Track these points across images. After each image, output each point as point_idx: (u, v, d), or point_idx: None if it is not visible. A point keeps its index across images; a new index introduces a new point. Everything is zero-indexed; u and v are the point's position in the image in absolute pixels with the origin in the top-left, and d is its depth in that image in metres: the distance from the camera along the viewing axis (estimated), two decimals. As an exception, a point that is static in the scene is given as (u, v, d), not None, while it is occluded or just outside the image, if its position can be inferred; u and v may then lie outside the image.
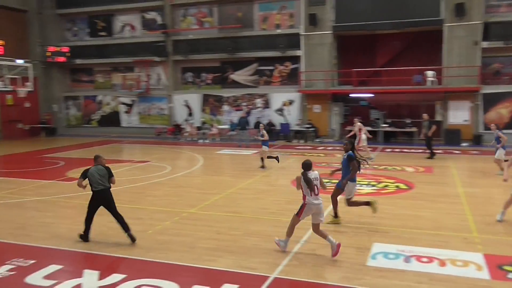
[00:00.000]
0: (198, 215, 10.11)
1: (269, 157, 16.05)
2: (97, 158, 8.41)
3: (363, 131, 17.82)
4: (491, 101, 22.34)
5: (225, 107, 27.67)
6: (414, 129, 23.14)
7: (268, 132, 25.59)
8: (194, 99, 28.24)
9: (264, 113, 26.68)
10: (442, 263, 7.10)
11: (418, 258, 7.30)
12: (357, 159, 9.20)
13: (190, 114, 28.35)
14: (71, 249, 8.03)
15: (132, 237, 8.17)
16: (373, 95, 25.22)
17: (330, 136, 24.92)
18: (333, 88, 24.92)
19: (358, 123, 18.09)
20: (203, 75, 28.69)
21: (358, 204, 9.29)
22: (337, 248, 7.27)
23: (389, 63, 25.97)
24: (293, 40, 25.53)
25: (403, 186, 12.99)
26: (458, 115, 22.89)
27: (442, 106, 23.43)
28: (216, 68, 28.21)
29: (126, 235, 8.18)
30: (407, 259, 7.26)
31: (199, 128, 26.95)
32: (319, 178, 7.52)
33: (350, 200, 9.20)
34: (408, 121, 23.94)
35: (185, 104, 28.46)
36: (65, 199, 11.53)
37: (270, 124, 26.09)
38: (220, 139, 25.50)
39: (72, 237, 8.45)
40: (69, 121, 32.01)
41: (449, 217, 9.74)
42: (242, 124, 25.92)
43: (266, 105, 26.69)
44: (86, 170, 8.28)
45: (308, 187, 7.33)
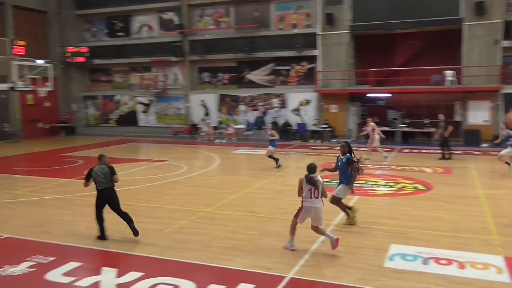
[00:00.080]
0: (214, 214, 10.15)
1: (270, 156, 16.10)
2: (101, 158, 8.59)
3: (376, 131, 17.70)
4: (512, 101, 21.96)
5: (242, 107, 27.71)
6: (432, 129, 22.82)
7: (284, 132, 25.88)
8: (211, 99, 28.35)
9: (281, 113, 26.64)
10: (462, 265, 6.99)
11: (437, 260, 7.21)
12: (356, 161, 9.06)
13: (206, 114, 28.46)
14: (89, 246, 8.14)
15: (135, 231, 8.30)
16: (390, 95, 24.98)
17: (347, 136, 24.73)
18: (350, 88, 24.76)
19: (371, 123, 17.97)
20: (220, 75, 28.77)
21: (342, 206, 9.13)
22: (336, 242, 7.42)
23: (407, 63, 25.69)
24: (309, 40, 25.44)
25: (421, 187, 12.84)
26: (478, 115, 22.52)
27: (461, 106, 23.08)
28: (232, 68, 28.26)
29: (131, 229, 8.34)
30: (425, 261, 7.17)
31: (215, 128, 27.04)
32: (322, 184, 7.55)
33: (336, 199, 9.06)
34: (426, 121, 23.64)
35: (202, 104, 28.58)
36: (84, 197, 11.67)
37: (287, 124, 26.05)
38: (236, 139, 25.54)
39: (91, 235, 8.56)
40: (88, 121, 32.42)
41: (469, 219, 9.60)
42: (258, 124, 25.90)
43: (283, 105, 26.65)
44: (90, 170, 8.48)
45: (313, 187, 7.42)
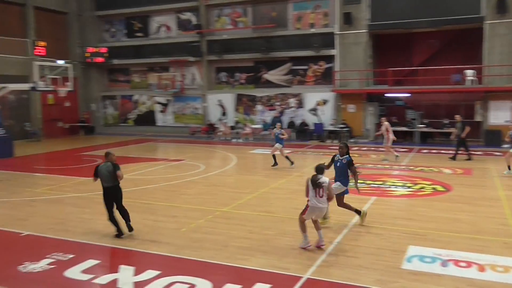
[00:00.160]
0: (231, 214, 10.17)
1: (274, 156, 16.16)
2: (107, 155, 8.69)
3: (391, 131, 17.72)
4: (535, 101, 21.49)
5: (259, 107, 27.71)
6: (452, 129, 22.46)
7: (301, 132, 25.82)
8: (228, 98, 28.43)
9: (298, 112, 26.56)
10: (481, 268, 6.87)
11: (456, 262, 7.10)
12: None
13: (223, 114, 28.55)
14: (107, 244, 8.24)
15: (130, 227, 8.61)
16: (409, 94, 24.69)
17: (364, 137, 24.56)
18: (368, 87, 24.55)
19: (385, 122, 17.96)
20: (237, 74, 28.82)
21: (347, 206, 9.10)
22: (320, 245, 7.67)
23: (426, 62, 25.35)
24: (327, 39, 25.31)
25: (440, 188, 12.65)
26: (499, 115, 22.09)
27: (482, 106, 22.69)
28: (249, 67, 28.28)
29: (126, 225, 8.63)
30: (444, 263, 7.07)
31: (232, 128, 27.11)
32: (328, 185, 7.66)
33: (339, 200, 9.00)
34: (446, 121, 23.31)
35: (219, 104, 28.68)
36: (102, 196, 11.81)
37: (304, 124, 25.96)
38: (253, 139, 25.56)
39: (109, 233, 8.66)
40: (107, 120, 32.81)
41: (489, 221, 9.42)
42: (275, 124, 25.86)
43: (300, 104, 26.57)
44: (97, 167, 8.63)
45: (314, 189, 7.56)
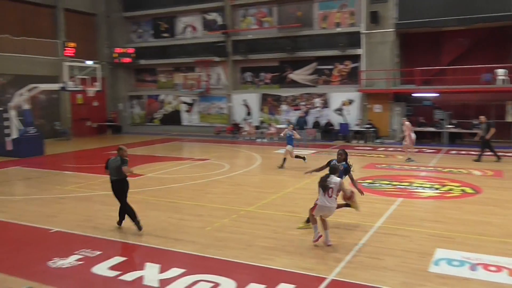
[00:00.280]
0: (255, 214, 10.18)
1: (284, 159, 16.28)
2: (119, 150, 8.97)
3: (412, 131, 17.75)
4: None
5: (284, 107, 27.66)
6: (477, 130, 21.95)
7: (326, 132, 25.65)
8: (253, 98, 28.47)
9: (323, 112, 26.38)
10: (512, 272, 6.70)
11: (485, 266, 6.92)
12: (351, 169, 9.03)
13: (248, 114, 28.61)
14: (134, 242, 8.36)
15: (120, 223, 9.10)
16: (438, 94, 24.21)
17: (391, 137, 24.22)
18: (395, 87, 24.18)
19: (406, 122, 17.96)
20: (262, 74, 28.83)
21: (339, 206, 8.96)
22: (327, 243, 7.80)
23: (455, 61, 24.80)
24: (353, 39, 25.07)
25: (470, 190, 12.36)
26: (532, 116, 21.47)
27: (513, 107, 22.09)
28: (275, 67, 28.25)
29: (117, 221, 9.11)
30: (473, 267, 6.90)
31: (257, 127, 27.14)
32: (340, 186, 7.80)
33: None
34: (475, 122, 22.74)
35: (244, 104, 28.75)
36: (129, 194, 11.93)
37: (329, 124, 25.78)
38: (278, 139, 25.50)
39: (135, 231, 8.78)
40: (133, 120, 33.32)
41: (520, 224, 9.16)
42: (300, 124, 25.78)
43: (325, 104, 26.39)
44: (107, 160, 8.99)
45: (322, 190, 7.78)
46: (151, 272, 6.90)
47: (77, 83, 21.68)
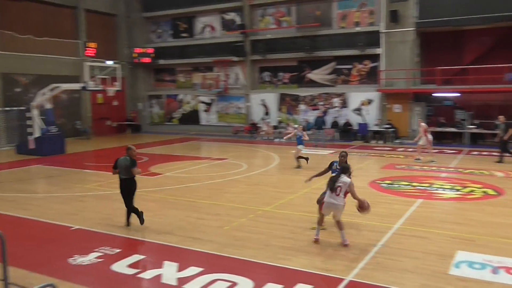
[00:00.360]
0: (273, 213, 10.17)
1: (300, 157, 16.31)
2: (128, 150, 9.09)
3: (429, 132, 17.90)
4: None
5: (302, 107, 27.57)
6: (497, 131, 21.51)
7: (345, 132, 25.48)
8: (271, 98, 28.44)
9: (342, 112, 26.20)
10: (536, 276, 6.54)
11: (508, 269, 6.78)
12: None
13: (266, 113, 28.58)
14: (152, 240, 8.43)
15: (127, 222, 9.19)
16: (459, 94, 23.82)
17: (410, 137, 23.90)
18: (415, 87, 23.88)
19: (422, 124, 18.05)
20: (280, 74, 28.77)
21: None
22: (344, 243, 7.85)
23: (477, 61, 24.36)
24: (372, 38, 24.83)
25: (492, 192, 12.13)
26: (557, 116, 20.92)
27: (537, 107, 21.59)
28: (293, 67, 28.17)
29: (125, 217, 9.23)
30: (494, 270, 6.77)
31: (275, 127, 27.11)
32: (349, 186, 7.80)
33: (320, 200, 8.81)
34: (497, 122, 22.32)
35: (262, 103, 28.74)
36: (148, 193, 12.12)
37: (347, 124, 25.60)
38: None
39: (154, 229, 8.88)
40: (153, 119, 33.61)
41: (544, 227, 8.95)
42: (318, 124, 25.66)
43: (344, 104, 26.21)
44: (116, 160, 9.08)
45: (329, 187, 7.89)
46: (169, 270, 6.95)
47: (97, 83, 21.98)
